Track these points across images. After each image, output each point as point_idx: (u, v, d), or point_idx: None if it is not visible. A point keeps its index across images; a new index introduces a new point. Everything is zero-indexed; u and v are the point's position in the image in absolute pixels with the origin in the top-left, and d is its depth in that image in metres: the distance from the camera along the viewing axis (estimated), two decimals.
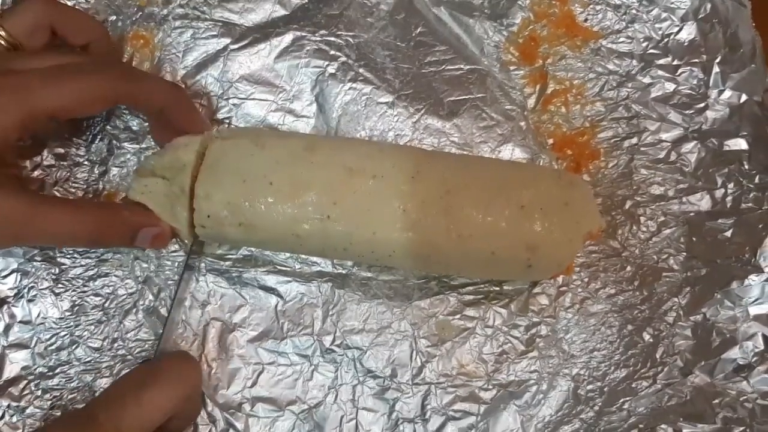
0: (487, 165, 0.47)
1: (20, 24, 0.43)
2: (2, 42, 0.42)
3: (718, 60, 0.53)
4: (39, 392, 0.46)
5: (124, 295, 0.48)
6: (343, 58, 0.53)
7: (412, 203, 0.42)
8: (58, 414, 0.46)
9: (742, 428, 0.45)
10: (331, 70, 0.53)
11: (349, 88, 0.52)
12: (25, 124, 0.39)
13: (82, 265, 0.49)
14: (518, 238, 0.42)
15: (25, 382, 0.47)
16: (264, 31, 0.53)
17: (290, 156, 0.44)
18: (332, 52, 0.53)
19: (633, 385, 0.47)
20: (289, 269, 0.49)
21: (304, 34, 0.53)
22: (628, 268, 0.49)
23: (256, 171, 0.43)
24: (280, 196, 0.43)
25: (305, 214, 0.42)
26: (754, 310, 0.47)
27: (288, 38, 0.53)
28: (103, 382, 0.47)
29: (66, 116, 0.41)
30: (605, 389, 0.47)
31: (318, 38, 0.53)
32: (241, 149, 0.44)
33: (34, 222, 0.40)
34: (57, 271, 0.48)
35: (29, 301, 0.48)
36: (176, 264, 0.49)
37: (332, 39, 0.53)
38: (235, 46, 0.53)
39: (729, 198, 0.50)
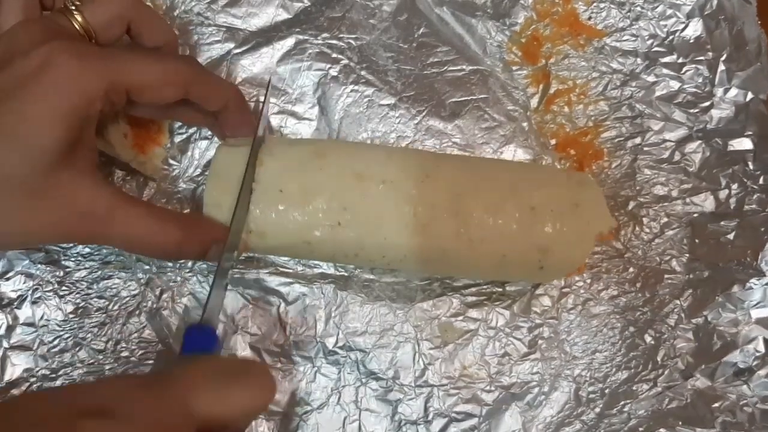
0: (496, 167, 0.47)
1: (101, 14, 0.40)
2: (78, 27, 0.40)
3: (723, 58, 0.53)
4: None
5: (127, 297, 0.48)
6: (345, 61, 0.53)
7: (422, 207, 0.42)
8: None
9: None
10: (333, 72, 0.52)
11: (351, 91, 0.52)
12: (108, 94, 0.37)
13: (86, 268, 0.49)
14: (529, 240, 0.42)
15: (27, 384, 0.47)
16: (267, 35, 0.53)
17: (299, 163, 0.44)
18: (334, 55, 0.53)
19: (634, 388, 0.47)
20: (291, 271, 0.49)
21: (306, 37, 0.53)
22: (631, 270, 0.49)
23: (266, 178, 0.43)
24: (290, 203, 0.43)
25: (316, 221, 0.42)
26: (755, 314, 0.47)
27: (290, 42, 0.53)
28: None
29: (141, 95, 0.39)
30: (606, 391, 0.47)
31: (320, 41, 0.53)
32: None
33: (116, 221, 0.38)
34: (61, 273, 0.48)
35: (33, 303, 0.48)
36: (178, 265, 0.49)
37: (334, 42, 0.53)
38: (238, 51, 0.53)
39: (733, 199, 0.50)
